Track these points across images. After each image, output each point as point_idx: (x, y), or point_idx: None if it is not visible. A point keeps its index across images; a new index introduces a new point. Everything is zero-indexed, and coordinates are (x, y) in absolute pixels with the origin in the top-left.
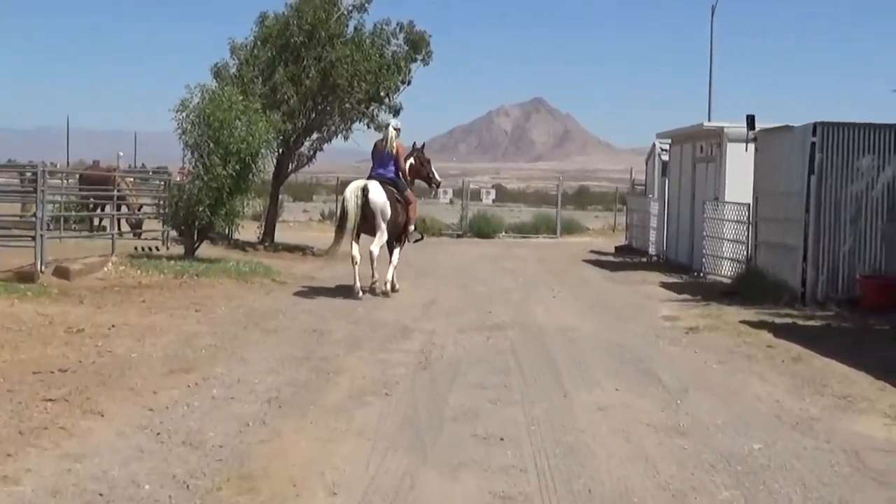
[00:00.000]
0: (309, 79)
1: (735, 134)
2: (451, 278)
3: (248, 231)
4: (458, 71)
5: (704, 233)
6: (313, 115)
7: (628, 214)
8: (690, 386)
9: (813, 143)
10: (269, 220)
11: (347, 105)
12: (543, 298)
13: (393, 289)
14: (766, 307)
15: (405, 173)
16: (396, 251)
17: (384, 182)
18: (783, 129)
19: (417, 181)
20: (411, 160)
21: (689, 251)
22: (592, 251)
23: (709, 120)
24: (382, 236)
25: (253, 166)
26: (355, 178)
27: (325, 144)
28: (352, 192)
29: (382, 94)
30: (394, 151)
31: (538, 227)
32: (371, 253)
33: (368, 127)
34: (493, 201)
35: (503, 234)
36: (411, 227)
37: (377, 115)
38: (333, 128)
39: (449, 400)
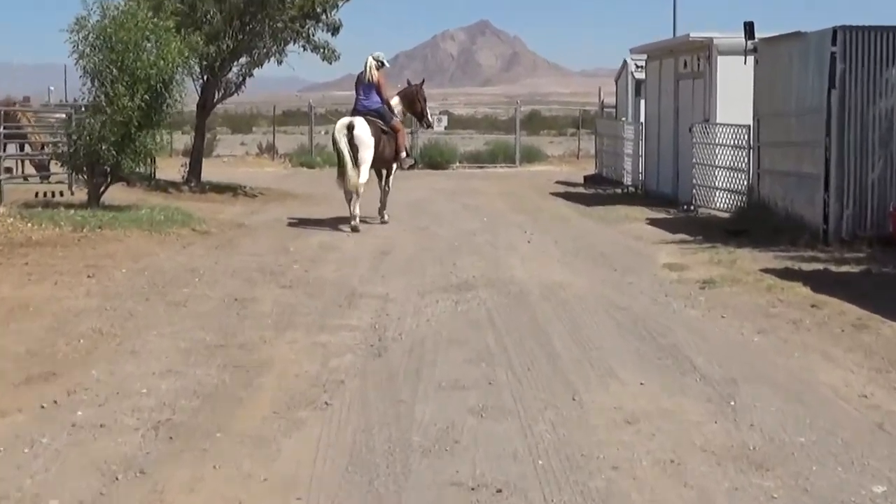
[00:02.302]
0: None
1: (727, 45)
2: (405, 219)
3: (173, 169)
4: None
5: (693, 160)
6: (240, 35)
7: (597, 140)
8: (738, 374)
9: (833, 53)
10: (195, 156)
11: (279, 23)
12: (517, 244)
13: (382, 216)
14: (783, 248)
15: (389, 103)
16: (389, 179)
17: (368, 115)
18: (792, 38)
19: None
20: (406, 91)
21: (672, 181)
22: (559, 182)
23: (673, 35)
24: (366, 169)
25: (166, 95)
26: (297, 109)
27: (256, 69)
28: (339, 130)
29: (319, 9)
30: (375, 80)
31: (495, 156)
32: (357, 187)
33: (304, 49)
34: (445, 128)
35: (458, 164)
36: (402, 154)
37: (314, 35)
38: (265, 50)
39: (415, 413)
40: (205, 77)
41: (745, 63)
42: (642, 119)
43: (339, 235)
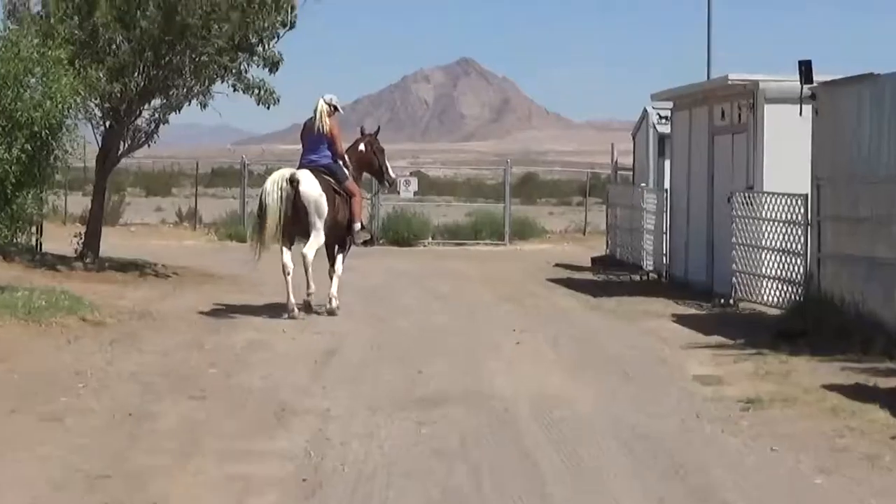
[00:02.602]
0: (146, 18)
1: (776, 91)
2: (358, 310)
3: (66, 240)
4: (362, 22)
5: (733, 239)
6: (154, 71)
7: (609, 211)
8: None
9: None
10: (93, 224)
11: (204, 56)
12: (502, 344)
13: (330, 303)
14: (853, 358)
15: (344, 157)
16: (339, 258)
17: (317, 171)
18: (862, 80)
19: (366, 175)
20: (361, 146)
21: (706, 266)
22: (560, 265)
23: (707, 77)
24: (319, 237)
25: (53, 144)
26: (230, 166)
27: (173, 115)
28: (275, 182)
29: (253, 38)
30: (326, 130)
31: (478, 230)
32: (305, 257)
33: (235, 89)
34: (415, 194)
35: (430, 240)
36: (357, 226)
37: (247, 71)
38: (184, 90)
39: None
40: (107, 123)
41: (800, 113)
42: (667, 185)
43: (272, 329)
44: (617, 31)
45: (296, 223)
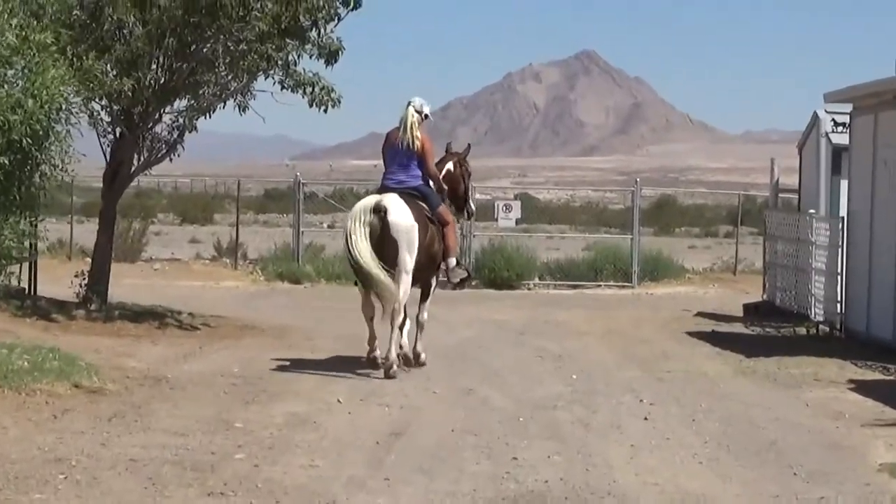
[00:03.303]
0: None
1: None
2: (440, 375)
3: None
4: (455, 4)
5: None
6: (177, 63)
7: (768, 246)
8: None
9: None
10: (99, 261)
11: (242, 44)
12: (625, 422)
13: (418, 360)
14: None
15: (438, 178)
16: (426, 301)
17: (407, 194)
18: None
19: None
20: (449, 165)
21: (894, 317)
22: (702, 314)
23: None
24: (407, 278)
25: (38, 156)
26: (288, 186)
27: (202, 119)
28: (358, 214)
29: (306, 21)
30: (418, 146)
31: (598, 269)
32: (395, 313)
33: (283, 86)
34: (518, 222)
35: (536, 280)
36: (451, 262)
37: (297, 63)
38: (217, 87)
39: None
40: (116, 131)
41: None
42: (843, 212)
43: (324, 399)
44: (778, 22)
45: (383, 261)
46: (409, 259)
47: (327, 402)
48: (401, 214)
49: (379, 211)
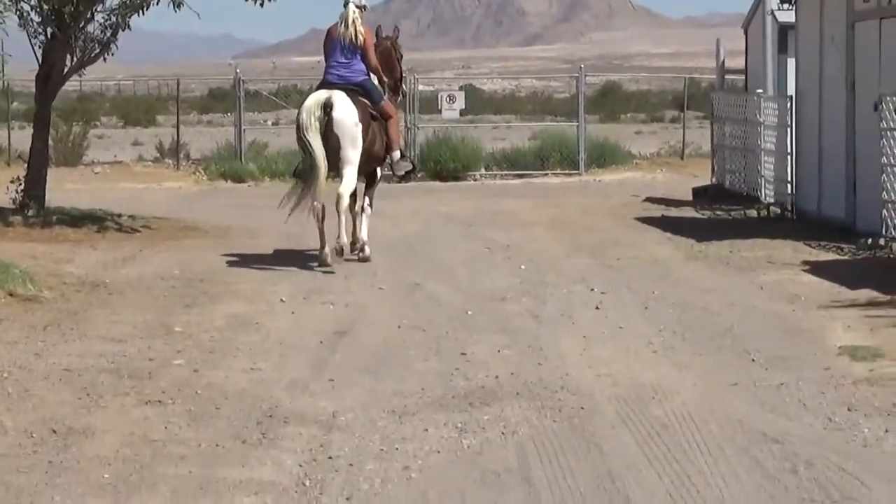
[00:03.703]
0: None
1: None
2: (385, 270)
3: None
4: None
5: (884, 159)
6: None
7: (716, 128)
8: None
9: None
10: (35, 166)
11: None
12: (576, 312)
13: (362, 251)
14: None
15: (379, 71)
16: (371, 192)
17: (351, 90)
18: None
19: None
20: (387, 49)
21: (845, 196)
22: (651, 199)
23: None
24: (354, 173)
25: None
26: (226, 80)
27: (143, 18)
28: (311, 110)
29: None
30: (360, 40)
31: (545, 157)
32: (340, 199)
33: None
34: (462, 113)
35: (482, 171)
36: (395, 154)
37: None
38: None
39: None
40: (48, 31)
41: None
42: (791, 91)
43: (267, 299)
44: None
45: (329, 154)
46: (352, 154)
47: (270, 301)
48: (346, 111)
49: (326, 107)
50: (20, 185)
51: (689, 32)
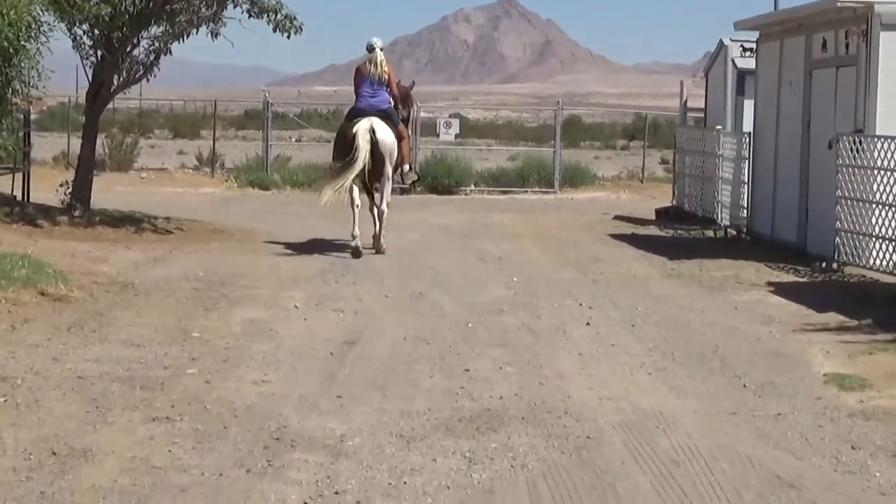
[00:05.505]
0: None
1: (895, 15)
2: (390, 278)
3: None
4: None
5: (838, 192)
6: None
7: (678, 158)
8: None
9: None
10: (82, 171)
11: None
12: (569, 326)
13: (379, 243)
14: None
15: (398, 99)
16: (386, 194)
17: (382, 115)
18: None
19: None
20: (406, 93)
21: (797, 222)
22: (620, 217)
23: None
24: (389, 186)
25: (9, 73)
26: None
27: (176, 43)
28: (365, 130)
29: None
30: (385, 77)
31: (524, 177)
32: (382, 213)
33: (249, 14)
34: (456, 137)
35: (472, 186)
36: (405, 167)
37: None
38: (189, 15)
39: None
40: (98, 53)
41: None
42: (747, 127)
43: (282, 305)
44: None
45: (373, 171)
46: (389, 168)
47: (285, 308)
48: (386, 134)
49: (374, 132)
50: (68, 188)
51: (637, 77)
